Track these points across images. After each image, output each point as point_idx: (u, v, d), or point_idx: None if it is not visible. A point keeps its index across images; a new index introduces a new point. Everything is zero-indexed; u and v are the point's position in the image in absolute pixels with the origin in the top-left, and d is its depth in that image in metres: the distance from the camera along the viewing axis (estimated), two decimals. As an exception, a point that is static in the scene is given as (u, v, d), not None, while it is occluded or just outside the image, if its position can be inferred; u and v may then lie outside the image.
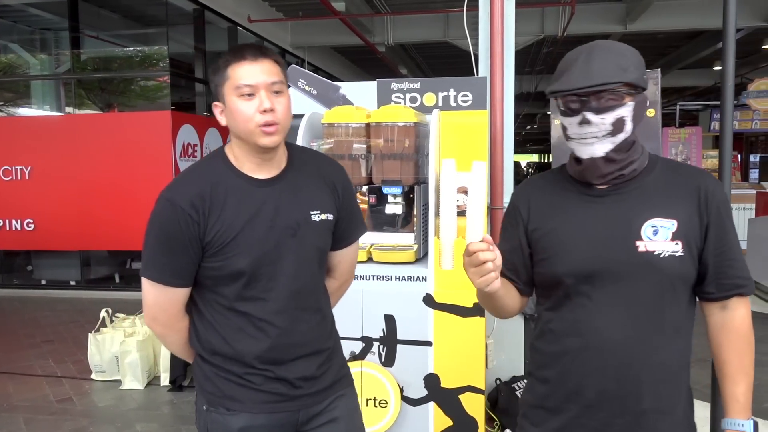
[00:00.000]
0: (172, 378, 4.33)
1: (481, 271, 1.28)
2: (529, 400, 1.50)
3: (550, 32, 10.09)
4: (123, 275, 8.11)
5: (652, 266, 1.32)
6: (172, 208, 1.46)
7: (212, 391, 1.57)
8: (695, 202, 1.36)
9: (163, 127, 6.90)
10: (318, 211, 1.58)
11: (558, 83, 1.32)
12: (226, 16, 8.54)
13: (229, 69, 1.47)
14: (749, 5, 9.28)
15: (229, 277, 1.49)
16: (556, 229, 1.41)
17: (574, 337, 1.38)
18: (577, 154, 1.37)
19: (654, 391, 1.35)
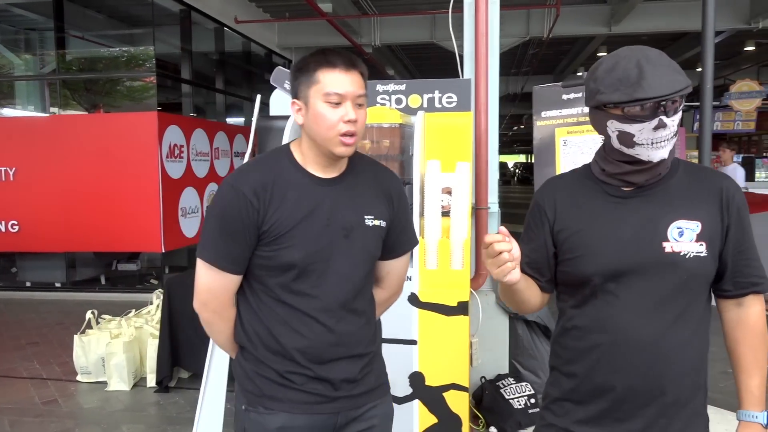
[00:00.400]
0: (159, 379, 4.32)
1: (497, 262, 1.32)
2: (553, 393, 1.54)
3: (536, 34, 10.19)
4: (109, 277, 8.07)
5: (678, 266, 1.38)
6: (235, 193, 1.50)
7: (252, 390, 1.58)
8: (717, 204, 1.42)
9: (149, 128, 6.87)
10: (372, 216, 1.60)
11: (638, 91, 1.33)
12: (213, 17, 8.53)
13: (319, 73, 1.49)
14: (731, 8, 9.42)
15: (280, 268, 1.52)
16: (584, 230, 1.44)
17: (602, 333, 1.43)
18: (646, 158, 1.38)
19: (678, 384, 1.41)
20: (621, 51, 1.39)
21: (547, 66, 14.98)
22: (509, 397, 3.70)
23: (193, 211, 7.71)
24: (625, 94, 1.33)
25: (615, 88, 1.35)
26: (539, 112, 2.58)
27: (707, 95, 2.83)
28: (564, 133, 2.53)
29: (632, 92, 1.33)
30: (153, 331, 4.53)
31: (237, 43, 9.75)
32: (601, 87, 1.38)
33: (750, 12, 9.35)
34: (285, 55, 11.07)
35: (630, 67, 1.34)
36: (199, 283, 1.57)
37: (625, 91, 1.33)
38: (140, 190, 6.97)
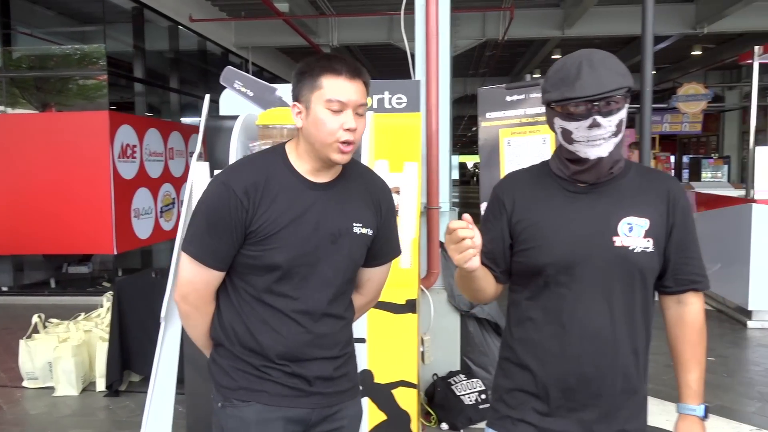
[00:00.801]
0: (109, 383, 4.25)
1: (459, 248, 1.38)
2: (505, 384, 1.58)
3: (492, 36, 10.33)
4: (59, 280, 7.87)
5: (627, 260, 1.45)
6: (225, 190, 1.50)
7: (228, 384, 1.59)
8: (665, 204, 1.50)
9: (100, 128, 6.73)
10: (360, 224, 1.61)
11: (569, 90, 1.40)
12: (167, 15, 8.40)
13: (323, 78, 1.49)
14: (677, 13, 9.73)
15: (264, 269, 1.53)
16: (540, 222, 1.50)
17: (555, 325, 1.48)
18: (583, 155, 1.44)
19: (626, 374, 1.47)
20: (574, 53, 1.46)
21: (504, 68, 15.21)
22: (460, 393, 3.76)
23: (147, 212, 7.58)
24: (560, 93, 1.41)
25: (556, 87, 1.43)
26: (484, 114, 2.64)
27: (647, 98, 2.92)
28: (508, 134, 2.59)
29: (565, 91, 1.40)
30: (103, 335, 4.45)
31: (192, 41, 9.62)
32: (547, 86, 1.46)
33: (695, 18, 9.67)
34: (242, 55, 10.97)
35: (572, 68, 1.41)
36: (181, 276, 1.58)
37: (562, 90, 1.41)
38: (91, 191, 6.81)
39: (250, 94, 3.09)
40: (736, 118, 16.70)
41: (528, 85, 2.52)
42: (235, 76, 3.12)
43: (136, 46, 8.18)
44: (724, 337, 5.46)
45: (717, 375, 4.52)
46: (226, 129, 2.85)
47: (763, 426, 3.68)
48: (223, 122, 2.93)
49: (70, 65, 8.40)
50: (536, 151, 2.53)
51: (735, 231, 5.98)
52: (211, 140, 2.96)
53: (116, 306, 4.22)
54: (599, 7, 9.15)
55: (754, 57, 5.74)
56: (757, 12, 9.31)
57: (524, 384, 1.53)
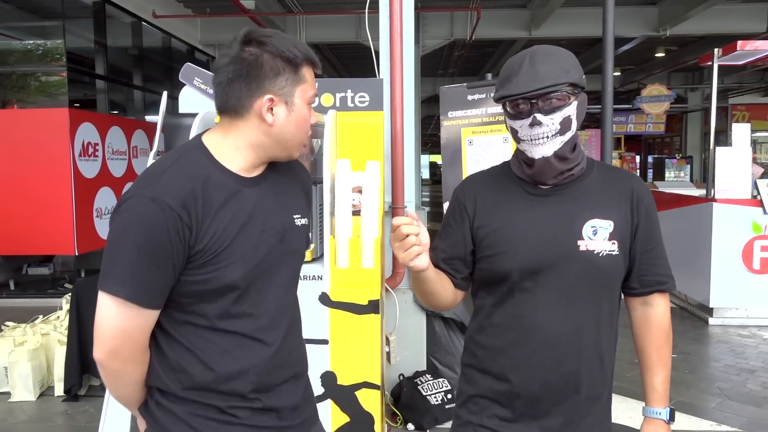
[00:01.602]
0: (67, 387, 4.13)
1: (404, 245, 1.31)
2: (467, 390, 1.54)
3: (460, 36, 10.38)
4: (18, 281, 7.66)
5: (592, 264, 1.40)
6: (158, 209, 1.19)
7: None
8: (628, 203, 1.45)
9: (60, 126, 6.54)
10: (299, 215, 1.45)
11: (506, 88, 1.37)
12: (129, 11, 8.23)
13: (305, 70, 1.31)
14: (641, 15, 9.90)
15: (216, 292, 1.27)
16: (504, 227, 1.45)
17: (518, 331, 1.43)
18: (529, 155, 1.40)
19: (590, 380, 1.43)
20: (525, 50, 1.42)
21: (473, 68, 15.29)
22: (426, 393, 3.75)
23: (110, 212, 7.41)
24: (502, 91, 1.38)
25: (501, 85, 1.39)
26: (446, 113, 2.62)
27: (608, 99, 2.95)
28: (469, 133, 2.58)
29: (505, 89, 1.37)
30: (61, 338, 4.33)
31: (156, 38, 9.44)
32: (497, 85, 1.42)
33: (658, 20, 9.85)
34: (208, 52, 10.81)
35: (515, 65, 1.38)
36: (107, 327, 1.23)
37: (504, 88, 1.38)
38: (51, 190, 6.63)
39: (210, 91, 3.03)
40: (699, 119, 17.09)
41: (489, 84, 2.51)
42: (195, 72, 3.05)
43: (98, 42, 7.99)
44: (686, 334, 5.56)
45: (679, 371, 4.59)
46: (185, 126, 2.79)
47: (723, 421, 3.76)
48: (182, 119, 2.87)
49: (29, 61, 8.18)
50: (498, 150, 2.53)
51: (697, 229, 6.10)
52: (170, 138, 2.90)
53: (75, 308, 4.11)
54: (565, 9, 9.25)
55: (714, 59, 5.85)
56: (717, 15, 9.52)
57: (487, 390, 1.49)
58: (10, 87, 8.23)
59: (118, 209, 1.23)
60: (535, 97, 1.34)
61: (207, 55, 10.83)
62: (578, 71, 1.40)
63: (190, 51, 10.37)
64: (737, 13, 9.65)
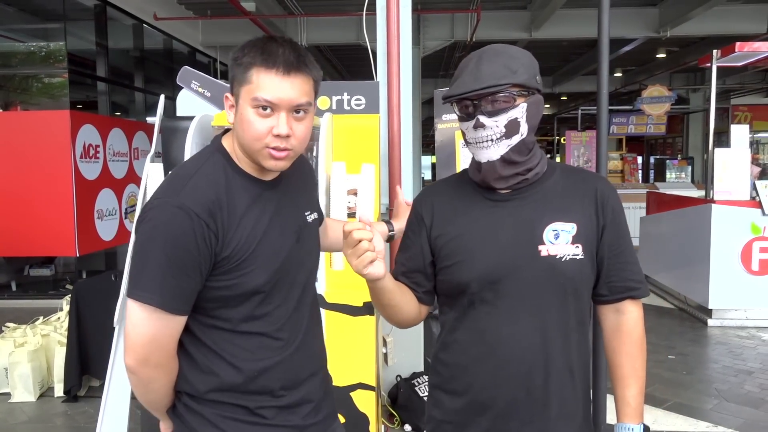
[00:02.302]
0: (67, 388, 4.16)
1: (356, 252, 1.24)
2: (436, 415, 1.45)
3: (461, 37, 10.39)
4: (20, 283, 7.70)
5: (555, 270, 1.32)
6: (185, 216, 1.20)
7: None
8: (593, 204, 1.37)
9: (61, 128, 6.59)
10: (309, 210, 1.46)
11: (451, 88, 1.31)
12: (131, 13, 8.27)
13: (253, 71, 1.25)
14: (642, 17, 9.91)
15: (241, 297, 1.29)
16: (461, 235, 1.38)
17: (481, 346, 1.35)
18: (476, 158, 1.35)
19: (560, 396, 1.34)
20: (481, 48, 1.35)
21: (474, 69, 15.28)
22: (423, 394, 3.76)
23: (111, 214, 7.45)
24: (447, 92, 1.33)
25: (450, 86, 1.34)
26: (440, 115, 2.64)
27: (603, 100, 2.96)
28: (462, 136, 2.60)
29: (449, 90, 1.32)
30: (61, 339, 4.36)
31: (158, 40, 9.49)
32: None
33: (659, 21, 9.85)
34: (210, 54, 10.85)
35: (463, 64, 1.32)
36: (139, 334, 1.24)
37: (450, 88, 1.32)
38: (52, 192, 6.67)
39: (208, 94, 3.06)
40: (701, 120, 17.06)
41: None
42: (192, 76, 3.08)
43: (100, 44, 8.03)
44: (685, 335, 5.57)
45: (677, 373, 4.60)
46: (182, 130, 2.80)
47: (720, 423, 3.77)
48: (179, 123, 2.89)
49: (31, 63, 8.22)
50: (491, 153, 2.55)
51: (696, 231, 6.10)
52: (167, 141, 2.91)
53: (74, 309, 4.14)
54: (565, 10, 9.26)
55: (713, 60, 5.86)
56: (718, 16, 9.53)
57: (453, 414, 1.40)
58: (13, 89, 8.28)
59: (144, 216, 1.24)
60: (476, 98, 1.28)
61: (208, 57, 10.88)
62: (528, 71, 1.31)
63: (192, 53, 10.41)
64: (738, 14, 9.66)
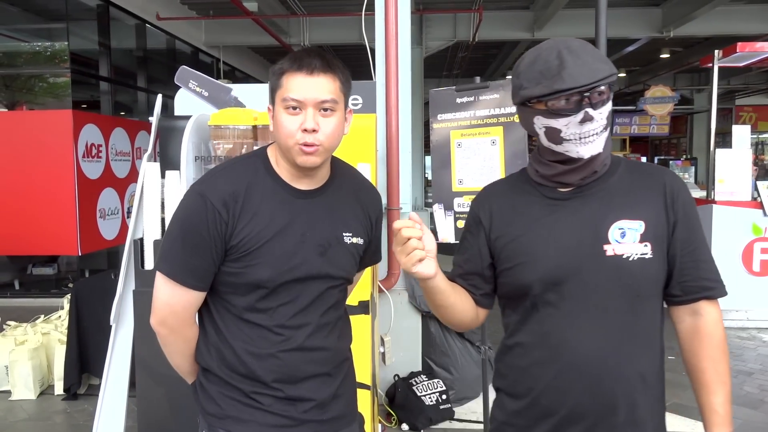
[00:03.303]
0: (67, 386, 4.18)
1: (405, 250, 1.24)
2: (498, 416, 1.43)
3: (463, 37, 10.38)
4: (23, 281, 7.73)
5: (621, 271, 1.27)
6: (202, 202, 1.38)
7: (214, 412, 1.46)
8: (662, 200, 1.31)
9: (63, 127, 6.61)
10: (350, 233, 1.50)
11: (555, 82, 1.24)
12: (133, 13, 8.29)
13: (283, 77, 1.39)
14: (645, 17, 9.88)
15: (246, 287, 1.41)
16: (522, 236, 1.34)
17: (543, 350, 1.32)
18: (574, 155, 1.28)
19: (629, 402, 1.29)
20: (543, 43, 1.31)
21: (477, 69, 15.29)
22: (421, 393, 3.77)
23: (113, 213, 7.47)
24: (546, 86, 1.25)
25: (537, 82, 1.26)
26: (435, 115, 2.64)
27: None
28: (458, 136, 2.60)
29: (552, 84, 1.24)
30: (61, 337, 4.38)
31: (161, 40, 9.50)
32: (523, 82, 1.30)
33: (662, 21, 9.82)
34: (213, 54, 10.87)
35: (551, 59, 1.26)
36: (157, 298, 1.43)
37: (546, 84, 1.25)
38: (54, 191, 6.69)
39: (205, 94, 3.06)
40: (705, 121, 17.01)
41: (477, 87, 2.53)
42: (190, 75, 3.09)
43: (102, 44, 8.06)
44: (685, 336, 5.54)
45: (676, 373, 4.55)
46: (179, 129, 2.82)
47: (718, 423, 3.75)
48: (176, 122, 2.90)
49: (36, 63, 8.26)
50: (486, 153, 2.55)
51: (697, 231, 6.08)
52: (165, 140, 2.93)
53: (74, 308, 4.16)
54: (568, 10, 9.24)
55: (714, 61, 5.84)
56: (721, 16, 9.49)
57: (515, 416, 1.38)
58: (17, 89, 8.32)
59: (181, 199, 1.45)
60: (590, 90, 1.23)
61: (211, 56, 10.90)
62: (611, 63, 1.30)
63: (195, 53, 10.43)
64: (742, 14, 9.62)
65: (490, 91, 2.51)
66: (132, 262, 2.73)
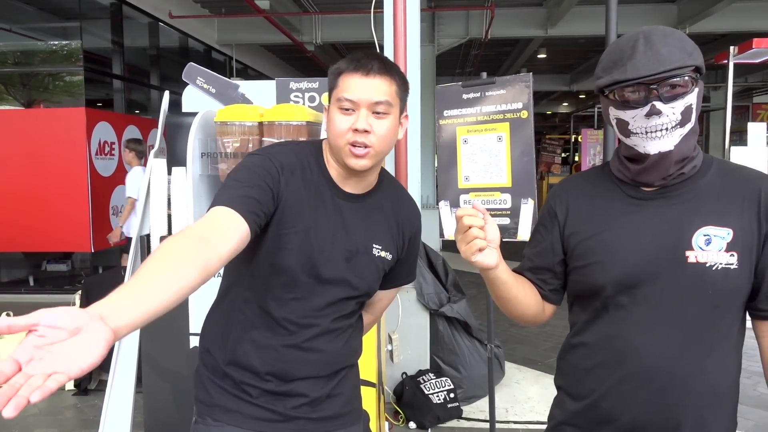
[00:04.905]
0: (77, 382, 4.22)
1: (466, 238, 1.23)
2: (557, 415, 1.40)
3: (476, 35, 10.33)
4: (37, 278, 7.81)
5: (702, 280, 1.19)
6: (268, 158, 1.38)
7: (203, 399, 1.46)
8: (755, 208, 1.21)
9: (77, 125, 6.67)
10: (381, 246, 1.48)
11: (619, 72, 1.19)
12: (146, 11, 8.34)
13: (340, 77, 1.39)
14: (660, 13, 9.77)
15: (271, 269, 1.38)
16: (598, 234, 1.29)
17: (609, 352, 1.27)
18: (641, 150, 1.22)
19: (696, 418, 1.22)
20: (631, 31, 1.24)
21: (491, 66, 15.22)
22: (429, 392, 3.75)
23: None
24: (611, 76, 1.20)
25: (608, 71, 1.22)
26: (441, 111, 2.62)
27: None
28: (464, 132, 2.58)
29: (616, 74, 1.19)
30: (72, 333, 4.41)
31: (174, 38, 9.56)
32: (598, 71, 1.25)
33: (677, 18, 9.71)
34: (225, 52, 10.91)
35: (626, 47, 1.20)
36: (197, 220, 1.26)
37: (613, 73, 1.20)
38: (68, 188, 6.76)
39: (213, 90, 3.06)
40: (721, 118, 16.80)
41: (484, 83, 2.50)
42: (198, 72, 3.09)
43: (116, 43, 8.12)
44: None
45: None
46: (186, 125, 2.82)
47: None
48: (184, 119, 2.91)
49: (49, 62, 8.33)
50: (492, 150, 2.52)
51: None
52: (172, 136, 2.93)
53: (85, 304, 4.19)
54: (581, 7, 9.17)
55: (730, 57, 5.76)
56: (738, 12, 9.36)
57: (574, 417, 1.34)
58: (34, 87, 8.41)
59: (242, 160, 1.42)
60: (655, 81, 1.16)
61: (224, 55, 10.93)
62: (700, 54, 1.21)
63: (207, 51, 10.47)
64: (758, 11, 9.48)
65: (497, 87, 2.49)
66: (138, 259, 2.74)
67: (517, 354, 5.08)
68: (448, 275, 4.12)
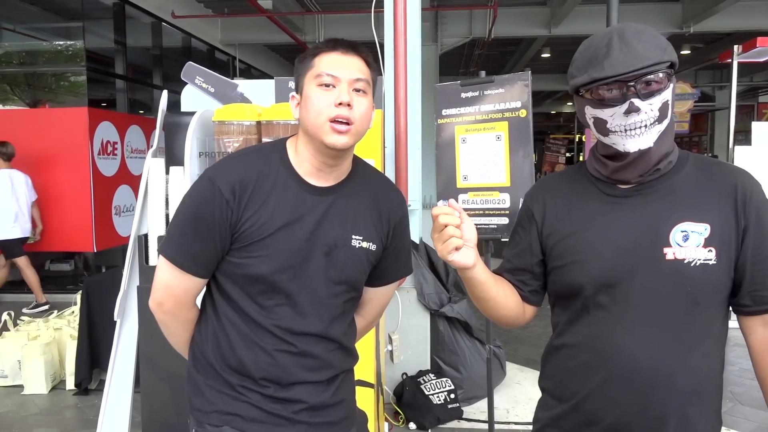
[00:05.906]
0: (78, 381, 4.22)
1: (442, 237, 1.21)
2: (542, 418, 1.39)
3: (479, 34, 10.30)
4: (41, 277, 7.78)
5: (681, 276, 1.19)
6: (210, 187, 1.34)
7: (200, 406, 1.42)
8: (731, 203, 1.21)
9: (79, 125, 6.69)
10: (361, 237, 1.42)
11: (596, 70, 1.18)
12: (149, 11, 8.35)
13: (316, 58, 1.37)
14: (665, 12, 9.72)
15: (247, 279, 1.36)
16: (576, 233, 1.28)
17: (591, 353, 1.26)
18: (621, 148, 1.21)
19: (680, 416, 1.21)
20: (604, 30, 1.25)
21: (494, 66, 15.18)
22: (429, 392, 3.73)
23: (128, 210, 7.54)
24: (588, 75, 1.20)
25: (583, 70, 1.21)
26: (440, 111, 2.60)
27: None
28: (463, 131, 2.56)
29: (593, 72, 1.18)
30: (73, 333, 4.42)
31: (177, 38, 9.56)
32: (573, 70, 1.24)
33: (682, 16, 9.66)
34: (229, 52, 10.91)
35: (600, 45, 1.19)
36: (157, 280, 1.40)
37: (590, 72, 1.19)
38: (70, 188, 6.78)
39: (212, 90, 3.06)
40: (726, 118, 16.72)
41: (482, 81, 2.48)
42: (196, 71, 3.08)
43: (118, 42, 8.13)
44: (702, 337, 5.44)
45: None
46: (185, 125, 2.81)
47: (733, 426, 3.68)
48: (182, 118, 2.90)
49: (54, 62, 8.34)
50: (491, 149, 2.50)
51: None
52: (171, 136, 2.93)
53: (85, 304, 4.19)
54: (585, 6, 9.13)
55: (733, 56, 5.72)
56: (743, 11, 9.30)
57: (557, 419, 1.33)
58: (39, 87, 8.42)
59: (192, 183, 1.41)
60: (633, 78, 1.16)
61: (227, 54, 10.93)
62: (673, 50, 1.21)
63: (211, 51, 10.47)
64: (763, 9, 9.41)
65: (495, 85, 2.47)
66: (136, 258, 2.73)
67: (519, 354, 5.06)
68: (449, 275, 4.10)
